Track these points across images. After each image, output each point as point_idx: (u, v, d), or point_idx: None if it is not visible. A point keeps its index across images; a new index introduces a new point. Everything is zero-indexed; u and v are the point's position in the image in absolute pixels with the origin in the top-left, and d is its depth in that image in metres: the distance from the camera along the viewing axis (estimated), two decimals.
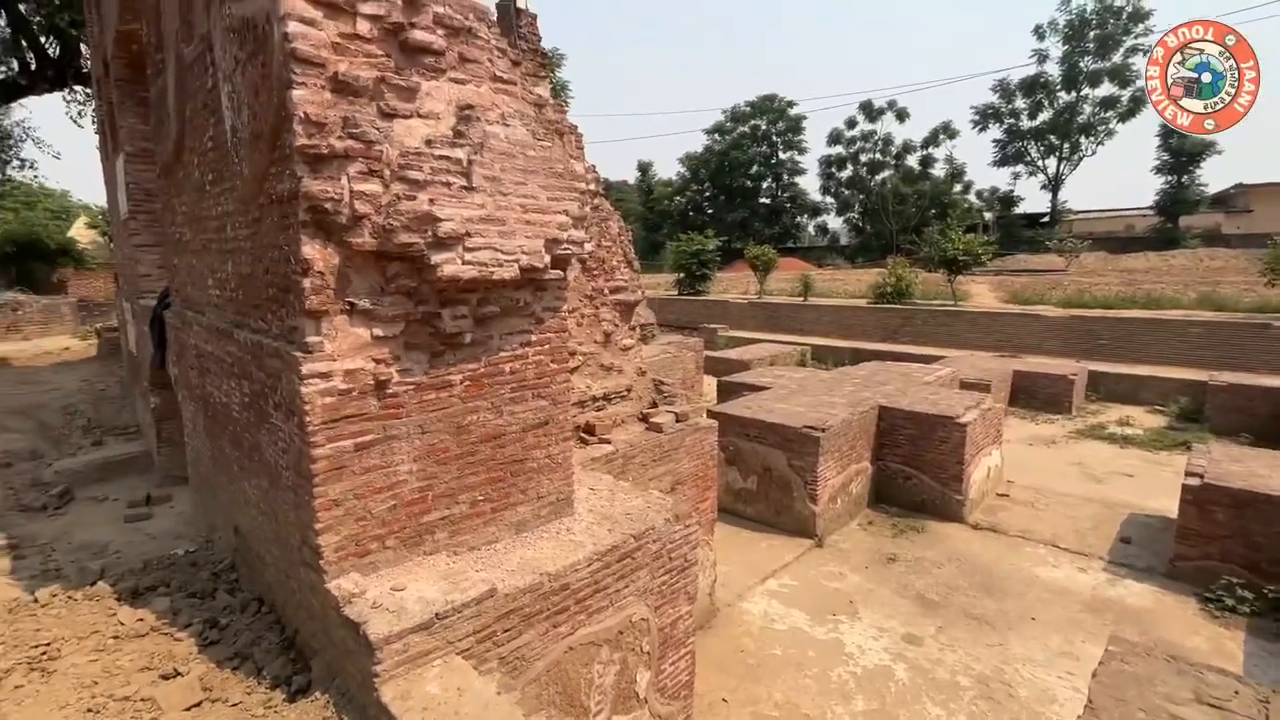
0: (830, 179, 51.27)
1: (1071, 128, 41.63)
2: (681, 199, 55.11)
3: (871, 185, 48.37)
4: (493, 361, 3.35)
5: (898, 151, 48.00)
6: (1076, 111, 41.41)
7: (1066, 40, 40.33)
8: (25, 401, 9.25)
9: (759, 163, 52.80)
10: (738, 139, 52.39)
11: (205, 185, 3.99)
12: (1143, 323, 14.76)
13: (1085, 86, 40.57)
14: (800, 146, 52.52)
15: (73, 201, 46.09)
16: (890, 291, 20.09)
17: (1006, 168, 45.82)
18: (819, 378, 10.89)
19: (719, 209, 52.70)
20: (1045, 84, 41.86)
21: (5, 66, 16.56)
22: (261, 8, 2.76)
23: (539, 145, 3.21)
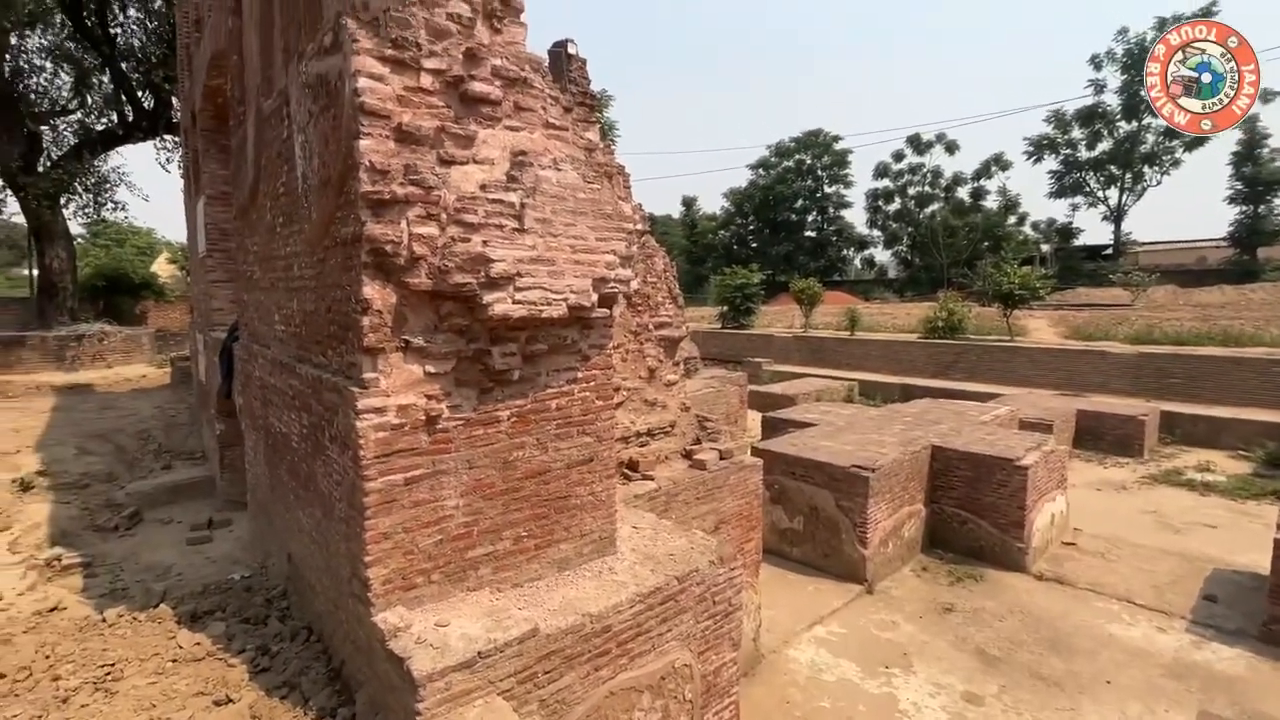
0: (877, 212, 50.69)
1: (1134, 157, 40.14)
2: (726, 233, 55.38)
3: (920, 218, 47.55)
4: (539, 398, 3.39)
5: (947, 184, 47.17)
6: (1139, 141, 39.96)
7: (1125, 70, 39.21)
8: (105, 426, 9.87)
9: (804, 197, 52.73)
10: (782, 174, 52.57)
11: (276, 227, 4.25)
12: (1221, 361, 13.84)
13: (1148, 115, 39.21)
14: (846, 180, 52.27)
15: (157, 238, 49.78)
16: (942, 326, 19.52)
17: (1064, 199, 44.41)
18: (867, 415, 10.59)
19: (763, 243, 52.65)
20: (1104, 114, 40.67)
21: (106, 119, 18.23)
22: (335, 66, 2.96)
23: (588, 188, 3.30)
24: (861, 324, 23.43)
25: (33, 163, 16.17)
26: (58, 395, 12.83)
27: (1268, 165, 36.94)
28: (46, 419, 10.60)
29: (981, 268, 23.70)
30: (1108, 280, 32.18)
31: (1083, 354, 15.94)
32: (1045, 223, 46.07)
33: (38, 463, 8.13)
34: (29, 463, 8.09)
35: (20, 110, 16.07)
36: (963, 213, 44.98)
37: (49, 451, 8.55)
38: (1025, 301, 19.29)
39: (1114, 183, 41.98)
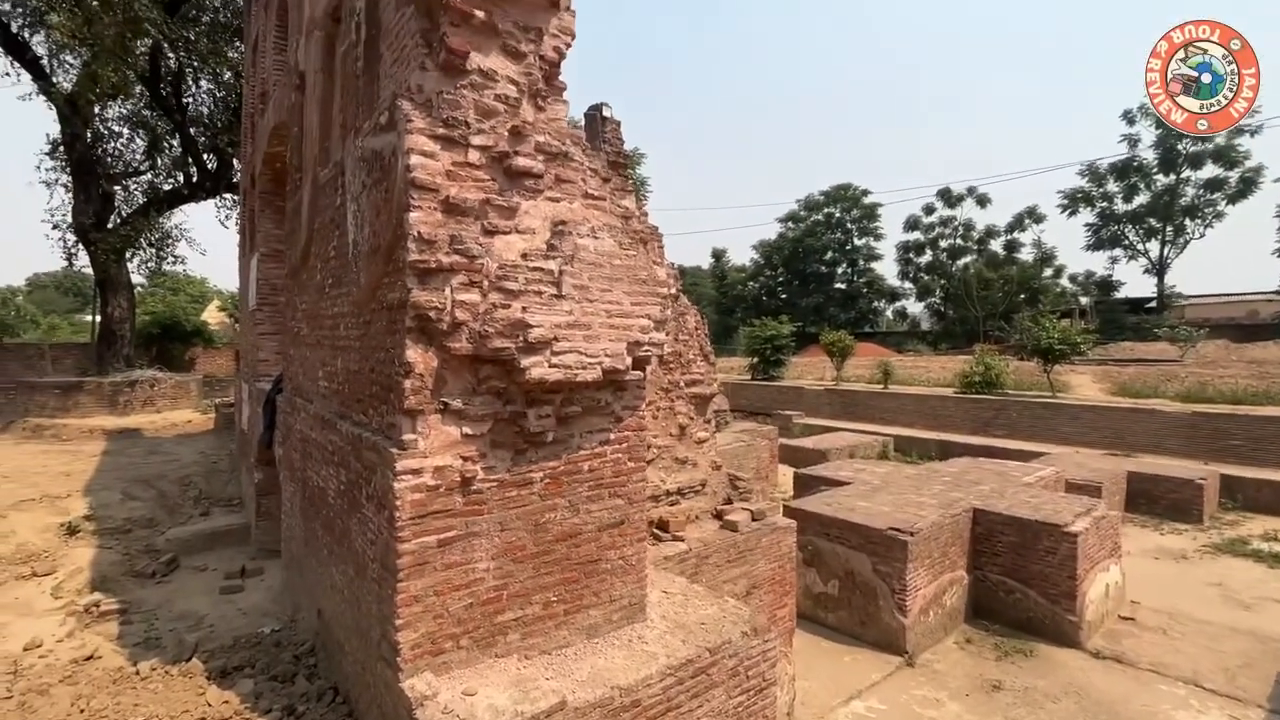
0: (908, 264, 50.50)
1: (1173, 210, 39.48)
2: (755, 284, 55.69)
3: (953, 270, 47.18)
4: (572, 460, 3.40)
5: (980, 237, 46.94)
6: (1178, 194, 39.36)
7: (1159, 124, 39.08)
8: (150, 471, 10.19)
9: (833, 249, 52.96)
10: (811, 226, 53.06)
11: (325, 288, 4.45)
12: None
13: (1186, 168, 38.76)
14: (876, 233, 52.44)
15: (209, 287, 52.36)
16: (979, 381, 19.04)
17: (1102, 252, 43.67)
18: (904, 473, 10.28)
19: (793, 294, 52.71)
20: (1139, 167, 40.33)
21: (174, 179, 19.58)
22: (389, 143, 3.15)
23: (625, 254, 3.39)
24: (895, 377, 23.03)
25: (104, 219, 17.38)
26: (108, 439, 13.34)
27: None
28: (96, 463, 11.00)
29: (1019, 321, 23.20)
30: (1153, 334, 31.16)
31: (1131, 412, 15.32)
32: (1083, 275, 45.23)
33: (85, 507, 8.39)
34: (77, 507, 8.36)
35: (97, 172, 17.39)
36: (997, 265, 44.50)
37: (96, 496, 8.83)
38: (1066, 356, 18.75)
39: (1154, 235, 41.19)
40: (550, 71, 3.41)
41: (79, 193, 17.07)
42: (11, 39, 16.06)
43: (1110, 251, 43.28)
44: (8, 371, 21.34)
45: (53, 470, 10.30)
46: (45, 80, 16.38)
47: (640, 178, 33.53)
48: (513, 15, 3.23)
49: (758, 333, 27.10)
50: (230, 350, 28.64)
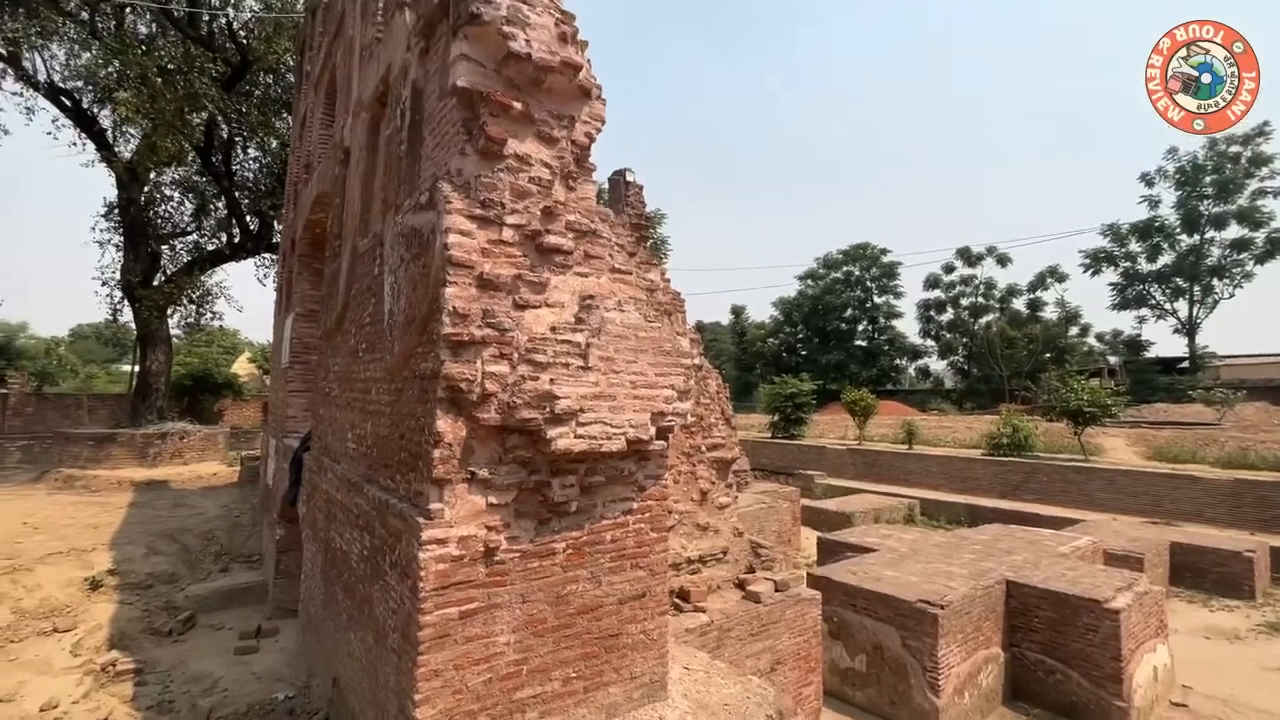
0: (929, 322, 50.24)
1: (1200, 270, 39.06)
2: (775, 341, 55.72)
3: (975, 328, 46.83)
4: (595, 529, 3.40)
5: (1002, 295, 46.73)
6: (1203, 254, 39.04)
7: (1180, 186, 39.20)
8: (174, 525, 10.29)
9: (853, 306, 53.04)
10: (831, 284, 53.38)
11: (359, 352, 4.60)
12: None
13: (1210, 229, 38.58)
14: (895, 291, 52.54)
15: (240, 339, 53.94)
16: (1007, 443, 18.59)
17: (1128, 311, 43.09)
18: (932, 540, 9.96)
19: (813, 351, 52.56)
20: (1161, 227, 40.24)
21: (217, 240, 20.61)
22: (429, 221, 3.33)
23: (649, 326, 3.48)
24: (919, 437, 22.60)
25: (150, 277, 18.24)
26: (136, 491, 13.55)
27: None
28: (123, 515, 11.15)
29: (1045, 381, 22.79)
30: (1187, 396, 30.31)
31: (1169, 478, 14.77)
32: (1110, 334, 44.52)
33: (110, 561, 8.47)
34: (102, 561, 8.44)
35: (148, 233, 18.39)
36: (1020, 324, 44.08)
37: (121, 550, 8.92)
38: (1098, 418, 18.28)
39: (1181, 295, 40.62)
40: (581, 154, 3.60)
41: (129, 252, 18.02)
42: (82, 113, 17.39)
43: (1137, 311, 42.67)
44: (46, 421, 22.03)
45: (81, 522, 10.46)
46: (108, 150, 17.59)
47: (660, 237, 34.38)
48: (548, 105, 3.45)
49: (778, 390, 26.96)
50: (258, 402, 29.23)
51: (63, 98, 17.12)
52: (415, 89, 4.02)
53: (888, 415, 29.23)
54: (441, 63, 3.57)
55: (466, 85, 3.18)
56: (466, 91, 3.20)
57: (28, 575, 7.76)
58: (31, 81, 16.43)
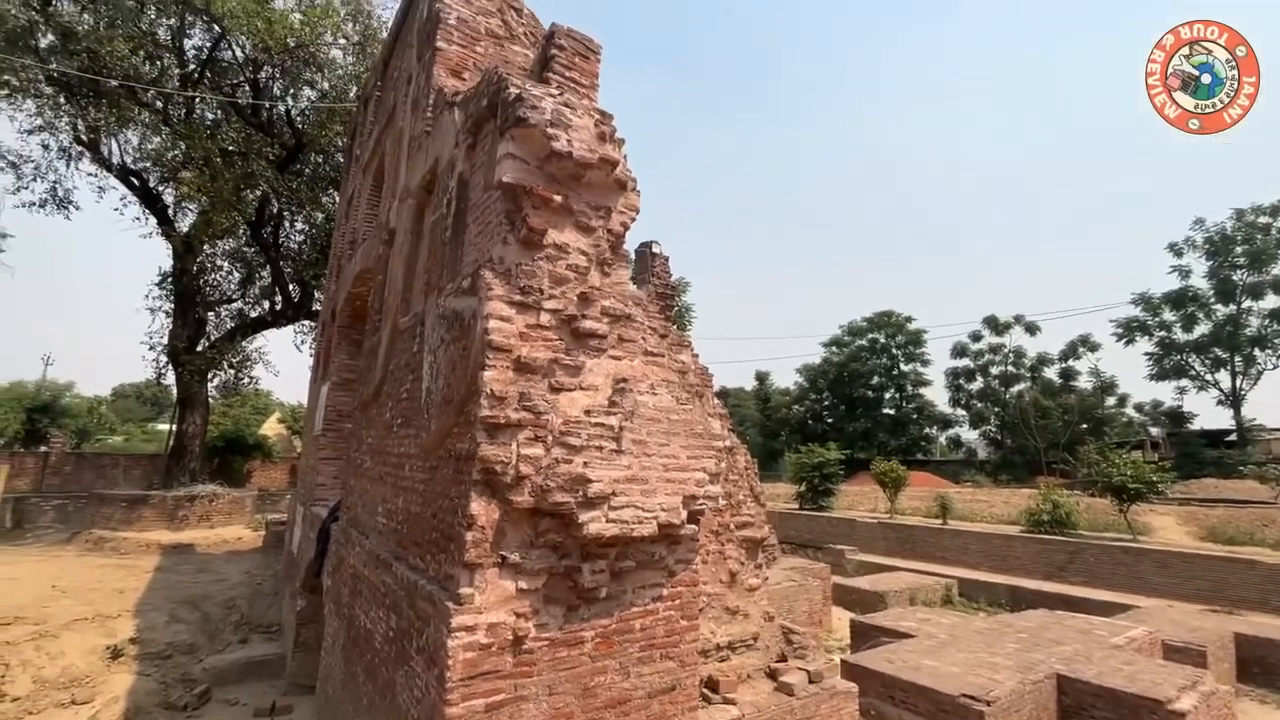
0: (959, 391, 49.33)
1: (1239, 341, 38.04)
2: (800, 408, 55.06)
3: (1007, 398, 45.79)
4: (624, 617, 3.32)
5: (1032, 364, 45.90)
6: (1241, 324, 38.13)
7: (1210, 256, 38.83)
8: (196, 592, 10.27)
9: (880, 374, 52.47)
10: (856, 351, 53.09)
11: (394, 426, 4.70)
12: None
13: (1246, 299, 37.83)
14: (922, 359, 51.99)
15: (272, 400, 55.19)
16: (1048, 520, 17.78)
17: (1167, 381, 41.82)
18: (974, 626, 9.42)
19: (839, 419, 51.71)
20: (1195, 297, 39.59)
21: (260, 307, 21.54)
22: (470, 306, 3.48)
23: (681, 409, 3.52)
24: (954, 511, 21.76)
25: (195, 343, 19.05)
26: (163, 554, 13.63)
27: None
28: (149, 580, 11.18)
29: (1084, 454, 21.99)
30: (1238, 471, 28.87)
31: (1227, 561, 13.89)
32: (1150, 405, 43.09)
33: (132, 628, 8.44)
34: (125, 628, 8.42)
35: (196, 301, 19.35)
36: (1053, 393, 43.01)
37: (144, 617, 8.89)
38: (1144, 495, 17.46)
39: (1222, 366, 39.41)
40: (616, 241, 3.77)
41: (178, 318, 18.90)
42: (148, 191, 18.74)
43: (1176, 381, 41.40)
44: (83, 480, 22.51)
45: (108, 586, 10.50)
46: (168, 225, 18.81)
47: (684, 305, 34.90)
48: (586, 197, 3.65)
49: (805, 459, 26.41)
50: (286, 464, 29.58)
51: (132, 178, 18.53)
52: (461, 180, 4.28)
53: (919, 487, 28.30)
54: (488, 158, 3.82)
55: (511, 181, 3.39)
56: (511, 187, 3.41)
57: (53, 642, 7.75)
58: (106, 164, 17.85)
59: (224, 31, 16.29)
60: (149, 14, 16.64)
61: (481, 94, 3.97)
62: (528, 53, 6.21)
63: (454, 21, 5.78)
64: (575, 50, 4.34)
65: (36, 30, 15.34)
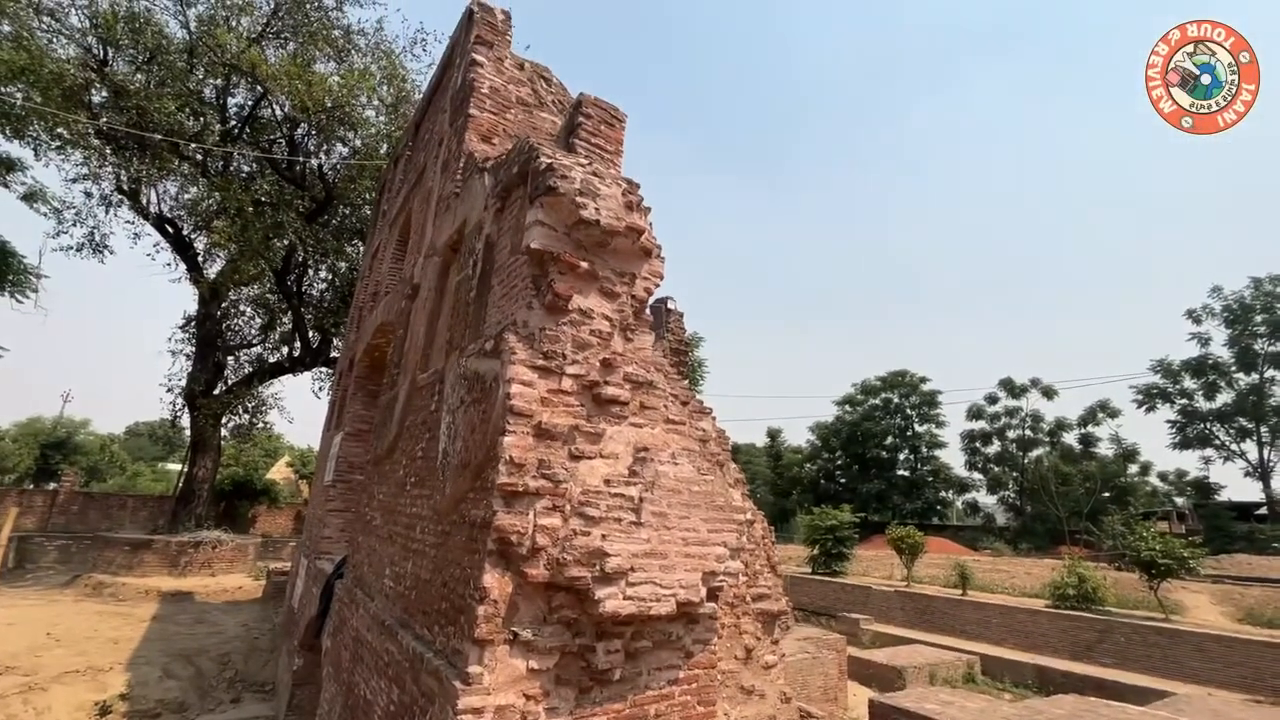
0: (975, 454, 48.30)
1: (1264, 411, 37.20)
2: (812, 467, 54.10)
3: (1025, 463, 44.75)
4: (638, 701, 3.15)
5: (1051, 429, 45.04)
6: (1265, 394, 37.38)
7: (1229, 324, 38.50)
8: (192, 644, 9.99)
9: (894, 434, 51.65)
10: (869, 411, 52.48)
11: (407, 485, 4.63)
12: None
13: (1269, 368, 37.23)
14: (937, 420, 51.23)
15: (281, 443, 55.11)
16: (1074, 595, 17.02)
17: (1190, 450, 40.75)
18: (1002, 713, 8.84)
19: (853, 479, 50.64)
20: (1216, 365, 39.03)
21: (279, 353, 21.85)
22: (492, 369, 3.47)
23: (703, 480, 3.43)
24: (974, 581, 20.92)
25: (213, 386, 19.26)
26: (162, 602, 13.35)
27: None
28: (144, 629, 10.91)
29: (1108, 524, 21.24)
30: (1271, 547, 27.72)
31: (1269, 647, 13.12)
32: (1174, 475, 41.84)
33: (123, 683, 8.17)
34: (116, 683, 8.15)
35: (217, 345, 19.69)
36: (1073, 460, 41.98)
37: (137, 671, 8.62)
38: (1174, 572, 16.72)
39: (1248, 436, 38.45)
40: (639, 307, 3.78)
41: (198, 362, 19.19)
42: (181, 239, 19.39)
43: (1201, 451, 40.33)
44: (89, 519, 22.37)
45: (103, 636, 10.25)
46: (197, 270, 19.36)
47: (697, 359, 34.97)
48: (611, 264, 3.68)
49: (818, 522, 25.73)
50: (292, 510, 29.31)
51: (166, 225, 19.22)
52: (488, 242, 4.36)
53: (936, 553, 27.35)
54: (515, 223, 3.89)
55: (539, 247, 3.44)
56: (539, 252, 3.45)
57: (40, 696, 7.50)
58: (143, 212, 18.57)
59: (266, 92, 17.18)
60: (197, 74, 17.64)
61: (513, 161, 4.08)
62: (555, 119, 6.44)
63: (487, 90, 6.03)
64: (601, 118, 4.49)
65: (92, 87, 16.28)
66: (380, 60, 19.13)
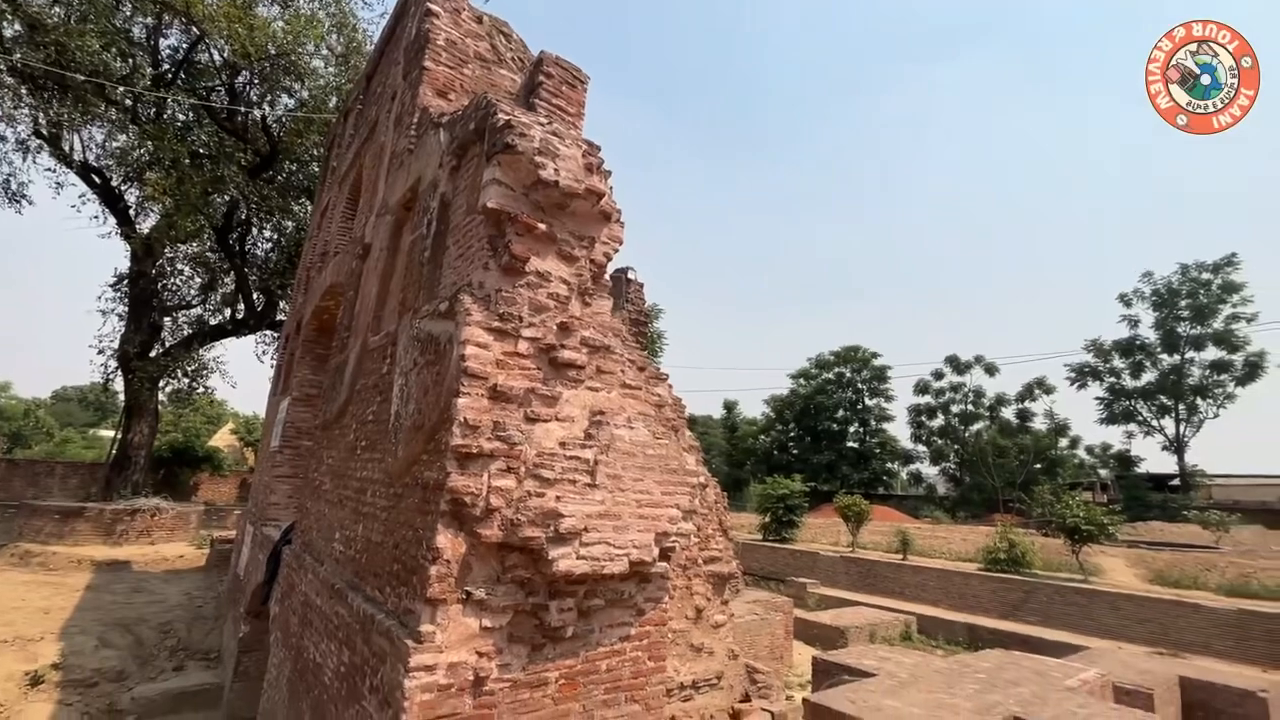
0: (920, 427, 50.43)
1: (1183, 390, 39.91)
2: (766, 438, 55.51)
3: (966, 436, 46.97)
4: (590, 658, 3.22)
5: (991, 404, 47.28)
6: (1184, 374, 40.05)
7: (1156, 308, 40.87)
8: (130, 614, 9.65)
9: (845, 407, 53.38)
10: (823, 384, 53.98)
11: (357, 449, 4.53)
12: None
13: (1190, 350, 39.82)
14: (886, 394, 53.12)
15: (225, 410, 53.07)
16: (1005, 559, 18.14)
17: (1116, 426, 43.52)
18: (933, 666, 9.42)
19: (805, 450, 52.27)
20: (1143, 346, 41.51)
21: (221, 315, 20.84)
22: (446, 330, 3.40)
23: (657, 444, 3.48)
24: (914, 547, 22.02)
25: (149, 348, 18.26)
26: (96, 571, 12.81)
27: None
28: (78, 599, 10.48)
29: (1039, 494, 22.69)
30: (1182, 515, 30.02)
31: (1174, 605, 14.32)
32: (1100, 448, 44.69)
33: (56, 653, 7.86)
34: (48, 652, 7.83)
35: (153, 305, 18.62)
36: (1010, 433, 44.30)
37: (70, 640, 8.30)
38: (1095, 537, 17.99)
39: (1167, 413, 41.23)
40: (598, 272, 3.75)
41: (131, 323, 18.14)
42: (109, 190, 18.10)
43: (1125, 426, 43.11)
44: (12, 489, 21.16)
45: (32, 605, 9.80)
46: (129, 225, 18.16)
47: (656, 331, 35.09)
48: (570, 226, 3.63)
49: (770, 491, 26.53)
50: (237, 477, 28.39)
51: (93, 175, 17.89)
52: (443, 201, 4.23)
53: (881, 521, 28.63)
54: (472, 182, 3.78)
55: (496, 207, 3.36)
56: (495, 212, 3.37)
57: None
58: (66, 160, 17.22)
59: (202, 34, 16.02)
60: (124, 10, 16.28)
61: (469, 117, 3.95)
62: (515, 78, 6.23)
63: (443, 43, 5.78)
64: (563, 79, 4.37)
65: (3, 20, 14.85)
66: (329, 6, 18.04)
